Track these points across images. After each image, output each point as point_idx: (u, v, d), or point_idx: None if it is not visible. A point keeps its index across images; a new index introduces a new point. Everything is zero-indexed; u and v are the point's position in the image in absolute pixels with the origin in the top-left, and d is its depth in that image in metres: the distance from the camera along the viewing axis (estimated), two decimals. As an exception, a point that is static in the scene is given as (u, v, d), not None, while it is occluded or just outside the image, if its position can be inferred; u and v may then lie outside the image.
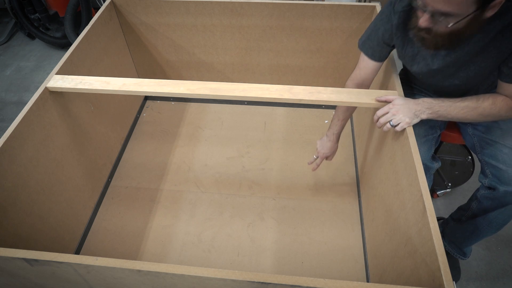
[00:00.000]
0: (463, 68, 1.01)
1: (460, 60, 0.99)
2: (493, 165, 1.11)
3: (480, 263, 1.45)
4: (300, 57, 1.75)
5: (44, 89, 1.19)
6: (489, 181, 1.12)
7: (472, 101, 0.99)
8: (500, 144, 1.11)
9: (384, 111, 1.05)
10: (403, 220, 1.00)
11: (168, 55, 1.82)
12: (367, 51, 1.15)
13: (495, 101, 0.98)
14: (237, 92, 1.14)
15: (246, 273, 0.75)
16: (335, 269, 1.36)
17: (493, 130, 1.14)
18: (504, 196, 1.08)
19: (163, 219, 1.52)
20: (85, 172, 1.45)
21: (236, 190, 1.61)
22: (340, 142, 1.41)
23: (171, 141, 1.82)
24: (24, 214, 1.12)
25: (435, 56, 1.01)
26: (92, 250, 1.44)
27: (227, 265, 1.38)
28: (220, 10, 1.58)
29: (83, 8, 2.39)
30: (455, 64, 1.00)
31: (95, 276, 0.86)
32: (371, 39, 1.13)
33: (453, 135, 1.30)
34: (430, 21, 0.86)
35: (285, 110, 1.96)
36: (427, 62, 1.04)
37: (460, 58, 0.98)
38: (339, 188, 1.61)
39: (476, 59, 0.97)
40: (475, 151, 1.19)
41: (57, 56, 2.59)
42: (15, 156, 1.08)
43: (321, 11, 1.54)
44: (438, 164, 1.18)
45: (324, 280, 0.73)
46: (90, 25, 1.44)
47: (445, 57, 1.00)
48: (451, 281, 0.74)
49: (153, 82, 1.18)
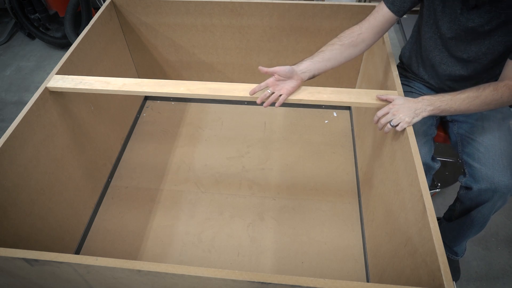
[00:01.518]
0: (479, 40, 0.99)
1: (490, 24, 0.96)
2: (470, 164, 1.12)
3: (480, 263, 1.45)
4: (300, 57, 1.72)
5: (44, 89, 1.19)
6: (465, 180, 1.13)
7: (472, 91, 0.97)
8: (478, 143, 1.12)
9: (384, 111, 1.05)
10: (403, 220, 1.00)
11: (168, 55, 1.82)
12: (389, 1, 1.07)
13: (496, 87, 0.96)
14: (237, 92, 1.14)
15: (246, 273, 0.75)
16: (335, 269, 1.36)
17: (475, 129, 1.15)
18: (479, 194, 1.10)
19: (163, 219, 1.52)
20: (85, 172, 1.45)
21: (236, 190, 1.61)
22: (340, 142, 1.41)
23: (171, 141, 1.82)
24: (24, 214, 1.12)
25: (472, 14, 0.97)
26: (92, 250, 1.44)
27: (227, 265, 1.38)
28: (220, 10, 1.58)
29: (83, 8, 2.39)
30: (481, 27, 0.97)
31: (95, 276, 0.86)
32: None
33: (440, 134, 1.30)
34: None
35: (285, 110, 1.96)
36: (461, 20, 0.99)
37: (492, 20, 0.95)
38: (339, 188, 1.61)
39: (495, 30, 0.96)
40: (458, 150, 1.20)
41: (57, 56, 2.59)
42: (15, 156, 1.08)
43: (321, 11, 1.54)
44: (438, 165, 1.19)
45: (324, 280, 0.73)
46: (90, 25, 1.44)
47: (483, 16, 0.96)
48: (451, 281, 0.74)
49: (153, 82, 1.18)
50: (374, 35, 1.11)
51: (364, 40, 1.10)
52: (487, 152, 1.09)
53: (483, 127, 1.14)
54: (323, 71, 1.10)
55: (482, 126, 1.15)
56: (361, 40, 1.09)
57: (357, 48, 1.11)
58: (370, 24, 1.09)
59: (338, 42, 1.10)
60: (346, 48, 1.09)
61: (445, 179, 1.65)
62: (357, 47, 1.10)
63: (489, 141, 1.11)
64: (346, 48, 1.10)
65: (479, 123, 1.16)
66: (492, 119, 1.16)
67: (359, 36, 1.09)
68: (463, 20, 0.99)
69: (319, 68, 1.09)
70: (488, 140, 1.11)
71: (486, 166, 1.07)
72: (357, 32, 1.10)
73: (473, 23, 0.98)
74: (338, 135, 1.82)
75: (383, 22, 1.09)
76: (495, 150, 1.08)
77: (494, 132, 1.12)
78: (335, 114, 1.94)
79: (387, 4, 1.07)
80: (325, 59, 1.09)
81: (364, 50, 1.14)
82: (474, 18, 0.97)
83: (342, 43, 1.09)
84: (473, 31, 0.99)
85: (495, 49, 0.99)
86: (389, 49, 1.31)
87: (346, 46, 1.09)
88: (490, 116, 1.17)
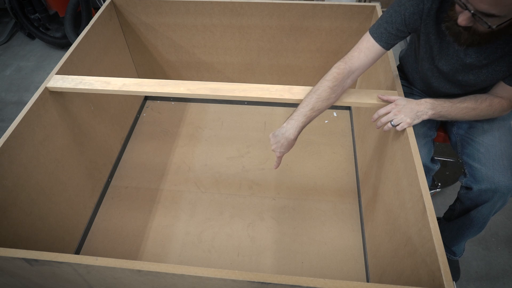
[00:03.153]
0: (476, 71, 1.00)
1: (487, 59, 0.96)
2: (470, 165, 1.12)
3: (480, 263, 1.45)
4: (300, 57, 1.75)
5: (44, 89, 1.19)
6: (466, 180, 1.14)
7: (471, 102, 1.01)
8: (478, 144, 1.12)
9: (386, 110, 1.05)
10: (403, 220, 1.00)
11: (168, 55, 1.82)
12: (377, 35, 1.03)
13: (492, 103, 1.01)
14: (237, 92, 1.14)
15: (246, 273, 0.75)
16: (335, 269, 1.36)
17: (475, 130, 1.16)
18: (479, 195, 1.10)
19: (163, 219, 1.52)
20: (85, 172, 1.45)
21: (236, 190, 1.61)
22: (340, 142, 1.41)
23: (171, 141, 1.82)
24: (24, 214, 1.12)
25: (470, 50, 0.97)
26: (92, 250, 1.44)
27: (227, 265, 1.38)
28: (220, 10, 1.58)
29: (83, 8, 2.39)
30: (479, 62, 0.97)
31: (95, 276, 0.86)
32: (390, 22, 1.01)
33: (440, 134, 1.30)
34: (471, 19, 0.82)
35: (285, 110, 1.96)
36: (459, 55, 0.99)
37: (489, 56, 0.95)
38: (339, 188, 1.61)
39: (493, 63, 0.96)
40: (457, 150, 1.21)
41: (57, 56, 2.59)
42: (15, 156, 1.08)
43: (321, 11, 1.54)
44: (438, 166, 1.19)
45: (324, 280, 0.73)
46: (90, 25, 1.44)
47: (482, 51, 0.95)
48: (451, 281, 0.74)
49: (153, 82, 1.18)
50: (362, 70, 1.07)
51: (356, 77, 1.07)
52: (487, 153, 1.09)
53: (483, 128, 1.15)
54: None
55: (482, 127, 1.15)
56: (351, 81, 1.07)
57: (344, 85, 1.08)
58: (358, 61, 1.05)
59: (340, 84, 1.05)
60: (346, 89, 1.09)
61: (445, 179, 1.65)
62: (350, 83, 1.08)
63: (489, 142, 1.11)
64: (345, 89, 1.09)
65: (479, 124, 1.16)
66: (492, 120, 1.16)
67: (351, 75, 1.06)
68: (461, 56, 0.99)
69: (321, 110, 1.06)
70: (488, 141, 1.11)
71: (486, 166, 1.08)
72: (351, 72, 1.06)
73: (471, 59, 0.98)
74: (338, 135, 1.82)
75: (373, 56, 1.05)
76: (495, 151, 1.09)
77: (494, 132, 1.12)
78: (335, 114, 1.94)
79: (380, 44, 1.03)
80: (324, 98, 1.04)
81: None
82: (472, 54, 0.97)
83: (342, 87, 1.06)
84: (471, 65, 1.00)
85: (493, 77, 1.00)
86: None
87: (345, 87, 1.08)
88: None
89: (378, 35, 1.03)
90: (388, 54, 1.29)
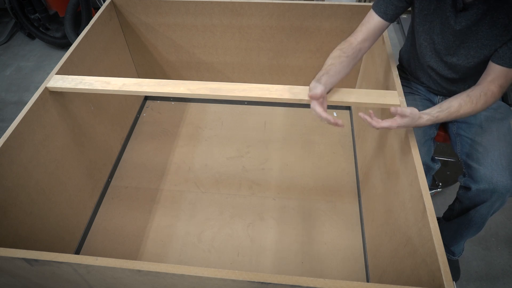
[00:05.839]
0: (467, 43, 1.03)
1: (475, 26, 0.99)
2: (469, 164, 1.13)
3: (480, 263, 1.45)
4: (300, 57, 1.75)
5: (44, 89, 1.19)
6: (464, 180, 1.14)
7: (467, 106, 0.99)
8: (477, 144, 1.13)
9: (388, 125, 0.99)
10: (403, 220, 1.00)
11: (168, 55, 1.82)
12: (380, 8, 1.10)
13: (486, 100, 1.00)
14: (237, 92, 1.14)
15: (246, 273, 0.75)
16: (335, 269, 1.36)
17: (474, 130, 1.16)
18: (477, 195, 1.10)
19: (163, 219, 1.52)
20: (85, 172, 1.45)
21: (236, 190, 1.61)
22: (340, 142, 1.41)
23: (171, 141, 1.82)
24: (24, 214, 1.12)
25: (460, 16, 1.00)
26: (92, 250, 1.44)
27: (227, 265, 1.38)
28: (220, 10, 1.58)
29: (83, 8, 2.39)
30: (469, 30, 1.01)
31: (95, 276, 0.86)
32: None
33: (440, 134, 1.31)
34: None
35: (285, 110, 1.96)
36: (450, 23, 1.02)
37: (473, 17, 0.98)
38: (339, 188, 1.61)
39: (482, 32, 0.99)
40: (456, 150, 1.21)
41: (57, 56, 2.59)
42: (15, 156, 1.08)
43: (321, 11, 1.54)
44: (438, 165, 1.19)
45: (324, 280, 0.73)
46: (90, 25, 1.44)
47: (470, 18, 0.99)
48: (451, 281, 0.74)
49: (153, 82, 1.18)
50: (369, 44, 1.14)
51: (361, 50, 1.12)
52: (486, 153, 1.09)
53: (482, 128, 1.15)
54: (335, 85, 1.10)
55: (481, 127, 1.15)
56: (358, 50, 1.11)
57: (357, 59, 1.13)
58: (365, 35, 1.12)
59: (343, 54, 1.09)
60: (350, 60, 1.10)
61: (446, 179, 1.65)
62: (356, 58, 1.12)
63: (488, 142, 1.11)
64: (350, 60, 1.10)
65: (478, 124, 1.16)
66: (491, 119, 1.16)
67: (356, 47, 1.11)
68: (452, 23, 1.02)
69: (333, 82, 1.08)
70: (487, 141, 1.11)
71: (485, 166, 1.08)
72: (355, 43, 1.11)
73: (460, 26, 1.01)
74: (338, 135, 1.82)
75: (377, 30, 1.12)
76: (494, 151, 1.09)
77: (493, 132, 1.13)
78: (335, 114, 1.94)
79: (379, 14, 1.10)
80: (337, 72, 1.07)
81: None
82: (462, 21, 1.00)
83: (347, 55, 1.09)
84: (461, 33, 1.02)
85: (481, 53, 1.02)
86: (389, 49, 1.31)
87: (350, 58, 1.10)
88: (489, 117, 1.17)
89: (377, 7, 1.10)
90: (388, 54, 1.29)
